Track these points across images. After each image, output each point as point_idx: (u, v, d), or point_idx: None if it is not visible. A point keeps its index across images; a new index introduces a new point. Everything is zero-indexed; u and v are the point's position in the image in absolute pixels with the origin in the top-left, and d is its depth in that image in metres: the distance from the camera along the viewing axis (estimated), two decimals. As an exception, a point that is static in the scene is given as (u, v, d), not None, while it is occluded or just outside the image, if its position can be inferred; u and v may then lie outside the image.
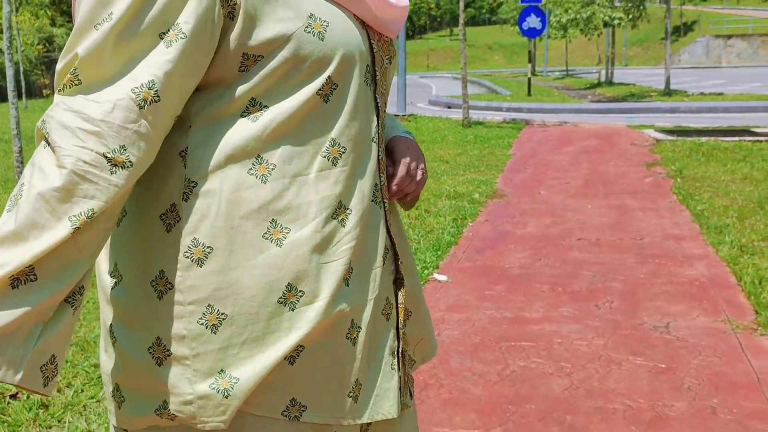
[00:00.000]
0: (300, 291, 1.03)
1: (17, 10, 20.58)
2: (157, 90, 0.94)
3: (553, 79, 32.36)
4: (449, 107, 17.44)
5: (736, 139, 9.76)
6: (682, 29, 44.46)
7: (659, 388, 2.86)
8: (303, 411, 1.06)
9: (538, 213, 6.08)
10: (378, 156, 1.14)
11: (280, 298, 1.02)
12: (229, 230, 1.00)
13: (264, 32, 0.99)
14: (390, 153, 1.21)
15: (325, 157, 1.05)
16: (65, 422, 2.71)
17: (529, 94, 20.05)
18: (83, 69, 0.94)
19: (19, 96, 7.02)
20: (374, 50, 1.12)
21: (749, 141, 9.55)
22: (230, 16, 0.98)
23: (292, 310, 1.03)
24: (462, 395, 2.84)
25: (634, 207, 6.21)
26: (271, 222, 1.01)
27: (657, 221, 5.68)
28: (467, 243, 5.18)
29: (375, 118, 1.13)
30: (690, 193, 6.56)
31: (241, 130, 1.01)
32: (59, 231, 0.91)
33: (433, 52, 56.48)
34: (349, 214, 1.08)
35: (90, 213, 0.92)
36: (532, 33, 19.64)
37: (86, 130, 0.91)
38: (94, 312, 3.85)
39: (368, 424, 1.17)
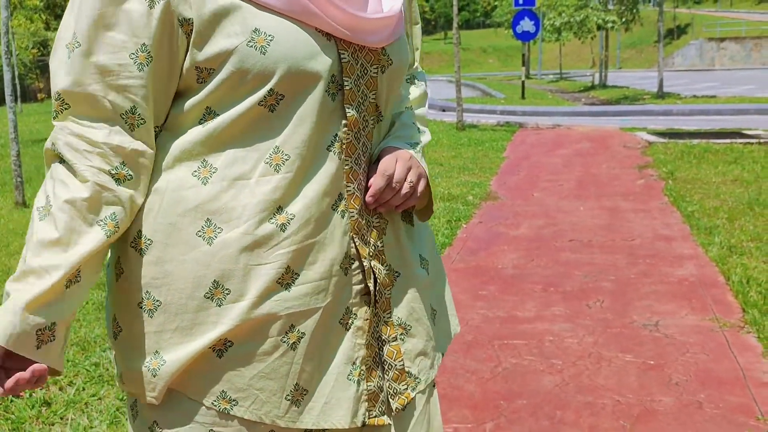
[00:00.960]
0: (227, 289, 1.08)
1: (12, 15, 20.60)
2: (140, 114, 1.08)
3: (547, 82, 32.50)
4: (443, 110, 17.52)
5: (728, 141, 9.85)
6: (676, 32, 44.66)
7: (647, 384, 2.93)
8: (234, 405, 1.11)
9: (531, 215, 6.16)
10: (342, 165, 1.14)
11: (207, 293, 1.08)
12: (168, 226, 1.09)
13: (212, 47, 1.07)
14: (376, 163, 1.20)
15: (267, 163, 1.09)
16: (68, 419, 2.77)
17: (523, 97, 20.15)
18: (67, 96, 1.07)
19: (14, 111, 7.05)
20: (343, 60, 1.12)
21: (740, 143, 9.65)
22: (187, 34, 1.07)
23: (219, 305, 1.09)
24: (455, 392, 2.91)
25: (625, 209, 6.29)
26: (206, 221, 1.08)
27: (648, 222, 5.77)
28: (461, 244, 5.26)
29: (338, 128, 1.13)
30: (681, 195, 6.64)
31: (191, 135, 1.10)
32: (95, 235, 1.05)
33: (427, 55, 56.59)
34: (291, 219, 1.10)
35: (114, 216, 1.07)
36: (525, 36, 19.73)
37: (91, 152, 1.06)
38: (93, 313, 3.91)
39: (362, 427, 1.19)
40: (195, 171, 1.09)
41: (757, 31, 41.57)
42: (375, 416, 1.20)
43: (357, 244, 1.17)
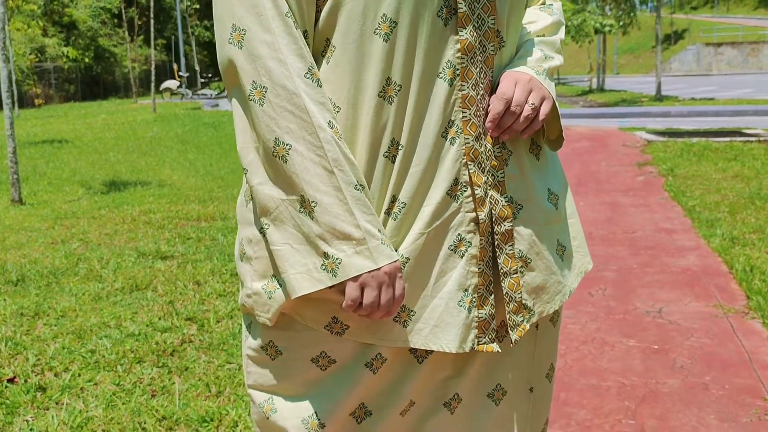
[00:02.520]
0: None
1: (9, 20, 20.61)
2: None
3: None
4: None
5: (727, 139, 9.83)
6: (673, 37, 44.74)
7: (652, 367, 2.89)
8: (345, 329, 1.15)
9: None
10: (455, 91, 1.13)
11: None
12: None
13: None
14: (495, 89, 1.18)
15: (381, 96, 1.11)
16: (63, 404, 2.72)
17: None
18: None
19: (11, 109, 7.02)
20: None
21: (740, 141, 9.62)
22: None
23: None
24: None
25: (625, 203, 6.25)
26: None
27: (649, 216, 5.73)
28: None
29: (450, 53, 1.13)
30: (681, 190, 6.61)
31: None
32: None
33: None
34: (400, 149, 1.12)
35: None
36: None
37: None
38: (90, 303, 3.86)
39: (468, 353, 1.20)
40: None
41: (754, 35, 41.69)
42: (484, 343, 1.20)
43: (471, 171, 1.15)
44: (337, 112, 1.12)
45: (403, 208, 1.13)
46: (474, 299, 1.18)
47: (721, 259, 4.40)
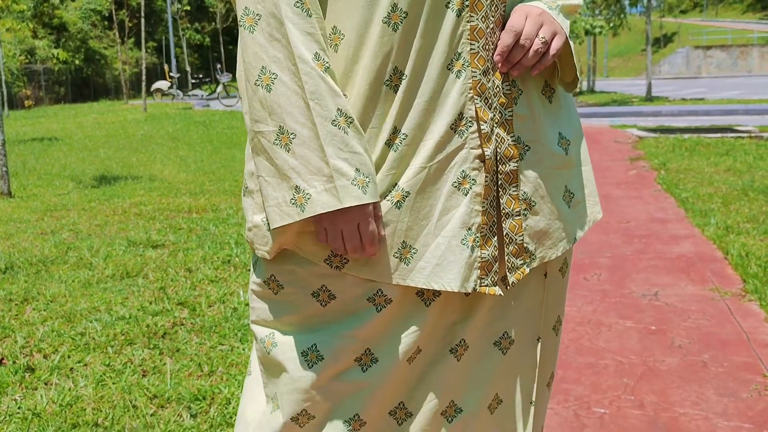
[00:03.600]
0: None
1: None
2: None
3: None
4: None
5: (719, 135, 9.85)
6: (662, 41, 44.94)
7: (650, 346, 2.86)
8: (345, 263, 1.13)
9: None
10: (463, 22, 1.11)
11: None
12: None
13: None
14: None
15: (385, 22, 1.08)
16: (52, 384, 2.67)
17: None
18: None
19: (1, 106, 6.96)
20: None
21: (732, 137, 9.64)
22: None
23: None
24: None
25: (618, 196, 6.24)
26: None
27: (642, 207, 5.71)
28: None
29: None
30: (674, 183, 6.60)
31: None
32: None
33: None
34: (403, 79, 1.09)
35: None
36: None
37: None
38: (80, 289, 3.81)
39: (469, 293, 1.17)
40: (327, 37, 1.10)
41: (743, 39, 41.94)
42: (486, 285, 1.16)
43: (477, 106, 1.12)
44: (342, 39, 1.09)
45: (404, 139, 1.10)
46: (477, 239, 1.15)
47: (715, 246, 4.38)
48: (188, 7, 42.05)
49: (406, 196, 1.11)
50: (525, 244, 1.19)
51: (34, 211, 6.20)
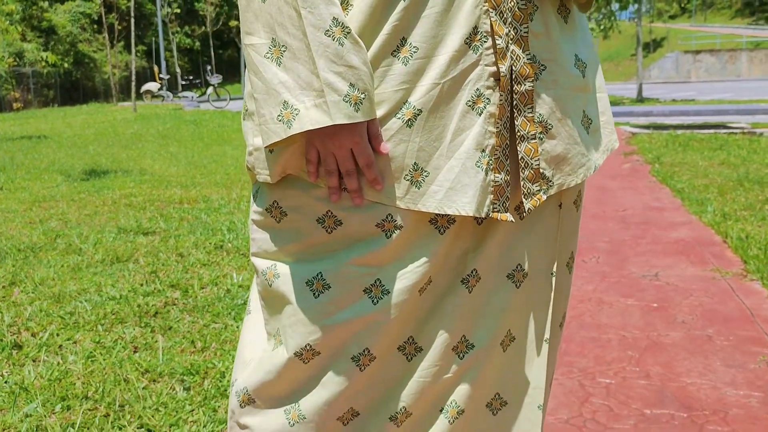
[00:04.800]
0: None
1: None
2: None
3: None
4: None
5: (711, 131, 9.84)
6: (652, 45, 45.14)
7: (652, 322, 2.81)
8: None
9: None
10: None
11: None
12: None
13: None
14: None
15: None
16: (40, 360, 2.59)
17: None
18: None
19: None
20: None
21: (725, 133, 9.64)
22: None
23: None
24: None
25: (613, 187, 6.20)
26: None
27: (638, 197, 5.67)
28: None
29: None
30: (669, 175, 6.56)
31: None
32: None
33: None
34: None
35: None
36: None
37: None
38: (69, 273, 3.73)
39: (483, 219, 1.12)
40: None
41: (732, 43, 42.17)
42: (498, 211, 1.09)
43: (492, 20, 1.06)
44: None
45: (415, 52, 1.04)
46: (491, 161, 1.08)
47: (713, 231, 4.34)
48: (178, 11, 41.93)
49: (418, 115, 1.05)
50: (542, 170, 1.12)
51: (22, 202, 6.10)
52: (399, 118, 1.05)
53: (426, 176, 1.07)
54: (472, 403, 1.20)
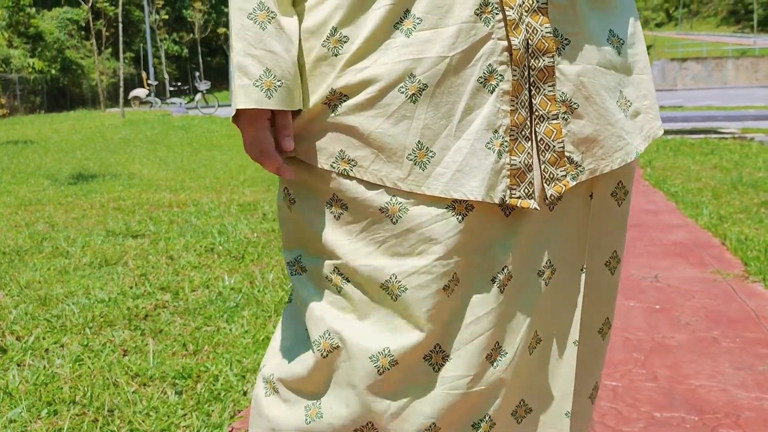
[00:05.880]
0: (344, 36, 0.99)
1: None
2: None
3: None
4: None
5: (702, 136, 9.84)
6: (639, 53, 45.35)
7: (656, 324, 2.74)
8: (353, 165, 1.01)
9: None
10: None
11: (324, 41, 1.00)
12: None
13: None
14: None
15: None
16: (25, 364, 2.50)
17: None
18: None
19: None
20: None
21: (715, 138, 9.63)
22: None
23: (335, 55, 0.99)
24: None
25: (608, 191, 6.15)
26: None
27: (632, 200, 5.62)
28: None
29: None
30: (662, 179, 6.53)
31: None
32: None
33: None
34: None
35: None
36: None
37: None
38: (55, 276, 3.63)
39: (504, 206, 1.03)
40: None
41: (718, 51, 42.46)
42: (518, 197, 1.01)
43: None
44: None
45: (419, 23, 0.97)
46: (506, 143, 1.00)
47: (711, 233, 4.29)
48: (166, 17, 41.79)
49: (423, 89, 0.97)
50: (568, 153, 1.04)
51: (7, 205, 5.99)
52: (402, 93, 0.98)
53: (432, 156, 0.99)
54: (502, 412, 1.10)
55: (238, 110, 0.99)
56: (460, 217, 1.01)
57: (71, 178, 7.73)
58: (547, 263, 1.09)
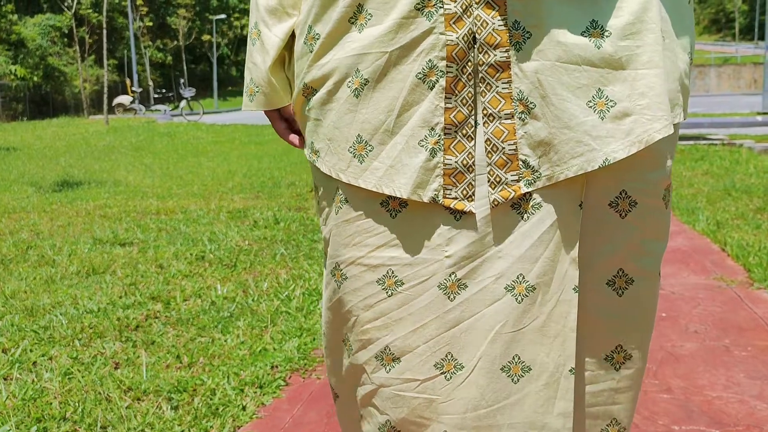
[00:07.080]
0: (316, 33, 1.01)
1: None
2: None
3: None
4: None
5: (691, 143, 9.84)
6: (623, 61, 45.65)
7: (665, 333, 2.68)
8: (318, 156, 1.05)
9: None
10: None
11: (305, 38, 1.03)
12: None
13: None
14: None
15: None
16: (12, 378, 2.39)
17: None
18: None
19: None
20: None
21: (704, 144, 9.64)
22: None
23: (311, 51, 1.02)
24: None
25: (601, 197, 6.11)
26: None
27: (627, 206, 5.58)
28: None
29: None
30: (655, 185, 6.49)
31: None
32: None
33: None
34: None
35: None
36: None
37: None
38: (42, 286, 3.52)
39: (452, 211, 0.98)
40: None
41: (701, 59, 42.82)
42: (453, 197, 0.96)
43: None
44: None
45: (369, 19, 0.96)
46: (441, 141, 0.95)
47: (710, 239, 4.24)
48: (150, 24, 41.58)
49: (365, 84, 0.97)
50: (524, 156, 0.96)
51: (-10, 213, 5.86)
52: (348, 87, 0.98)
53: (370, 150, 0.99)
54: None
55: None
56: (393, 213, 1.00)
57: (56, 185, 7.59)
58: (519, 277, 0.99)
